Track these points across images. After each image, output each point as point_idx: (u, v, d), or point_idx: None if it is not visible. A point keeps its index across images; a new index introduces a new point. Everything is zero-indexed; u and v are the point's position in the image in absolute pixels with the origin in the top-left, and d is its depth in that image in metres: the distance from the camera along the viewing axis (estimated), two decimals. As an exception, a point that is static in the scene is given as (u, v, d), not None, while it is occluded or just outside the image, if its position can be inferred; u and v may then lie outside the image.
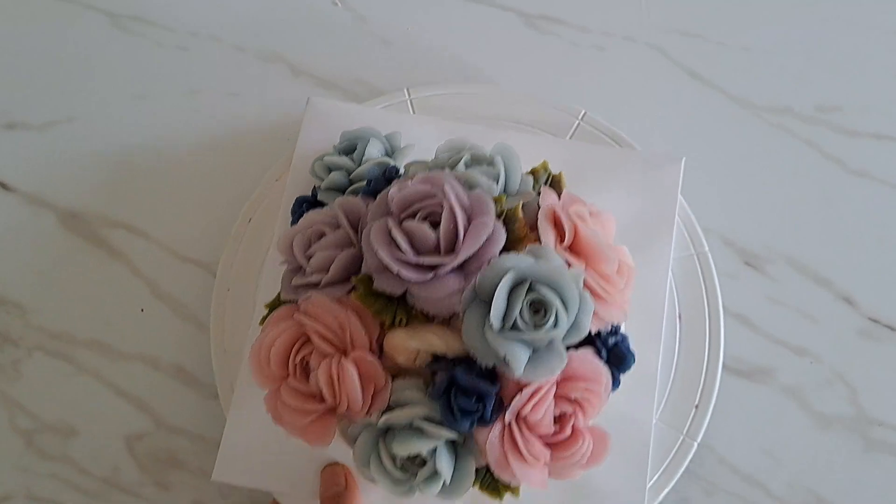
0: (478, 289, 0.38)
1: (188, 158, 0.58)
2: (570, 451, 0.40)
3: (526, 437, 0.39)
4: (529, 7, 0.61)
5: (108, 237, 0.57)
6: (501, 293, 0.37)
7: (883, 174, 0.56)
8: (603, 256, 0.41)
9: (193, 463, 0.53)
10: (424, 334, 0.40)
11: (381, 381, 0.40)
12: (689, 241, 0.52)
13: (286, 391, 0.41)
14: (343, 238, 0.42)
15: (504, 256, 0.39)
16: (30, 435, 0.54)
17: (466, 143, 0.46)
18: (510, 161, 0.44)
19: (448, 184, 0.40)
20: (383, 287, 0.39)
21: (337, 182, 0.48)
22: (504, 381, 0.40)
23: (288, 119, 0.58)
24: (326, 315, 0.40)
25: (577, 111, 0.54)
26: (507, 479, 0.40)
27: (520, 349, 0.38)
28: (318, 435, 0.41)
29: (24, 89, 0.60)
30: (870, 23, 0.60)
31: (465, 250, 0.39)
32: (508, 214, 0.41)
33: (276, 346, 0.41)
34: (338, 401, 0.40)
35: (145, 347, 0.54)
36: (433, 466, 0.39)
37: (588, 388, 0.40)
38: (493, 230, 0.39)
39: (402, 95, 0.55)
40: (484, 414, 0.39)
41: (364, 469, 0.41)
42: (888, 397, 0.52)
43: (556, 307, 0.38)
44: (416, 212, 0.40)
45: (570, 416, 0.40)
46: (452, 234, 0.39)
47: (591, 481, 0.47)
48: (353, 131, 0.50)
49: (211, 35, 0.61)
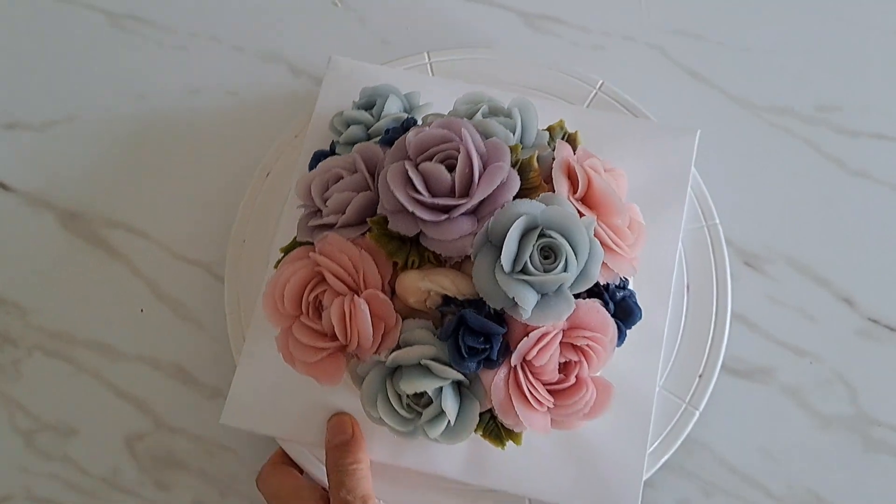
0: (490, 232, 0.39)
1: (188, 158, 0.58)
2: (574, 398, 0.41)
3: (531, 381, 0.40)
4: (529, 7, 0.61)
5: (107, 237, 0.57)
6: (513, 237, 0.38)
7: (883, 174, 0.56)
8: (615, 209, 0.42)
9: (193, 463, 0.53)
10: (436, 276, 0.41)
11: (391, 321, 0.41)
12: (701, 214, 0.53)
13: (298, 329, 0.42)
14: (360, 181, 0.43)
15: (517, 202, 0.40)
16: (29, 435, 0.54)
17: (485, 95, 0.47)
18: (527, 114, 0.45)
19: (465, 128, 0.41)
20: (398, 227, 0.40)
21: (355, 136, 0.49)
22: (511, 325, 0.41)
23: (288, 119, 0.58)
24: (341, 255, 0.41)
25: (595, 81, 0.55)
26: (511, 422, 0.41)
27: (528, 292, 0.39)
28: (328, 373, 0.41)
29: (23, 89, 0.60)
30: (870, 23, 0.60)
31: (480, 193, 0.40)
32: (523, 164, 0.42)
33: (291, 285, 0.42)
34: (349, 339, 0.41)
35: (145, 347, 0.55)
36: (438, 406, 0.40)
37: (594, 338, 0.40)
38: (508, 175, 0.40)
39: (423, 59, 0.56)
40: (491, 354, 0.40)
41: (371, 408, 0.42)
42: (888, 397, 0.52)
43: (567, 252, 0.39)
44: (432, 155, 0.41)
45: (575, 364, 0.41)
46: (468, 177, 0.40)
47: (592, 441, 0.47)
48: (373, 88, 0.51)
49: (210, 35, 0.61)
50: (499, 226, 0.39)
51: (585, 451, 0.47)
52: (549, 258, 0.39)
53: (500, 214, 0.39)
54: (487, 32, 0.60)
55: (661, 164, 0.51)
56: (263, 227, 0.53)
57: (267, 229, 0.53)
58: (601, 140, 0.50)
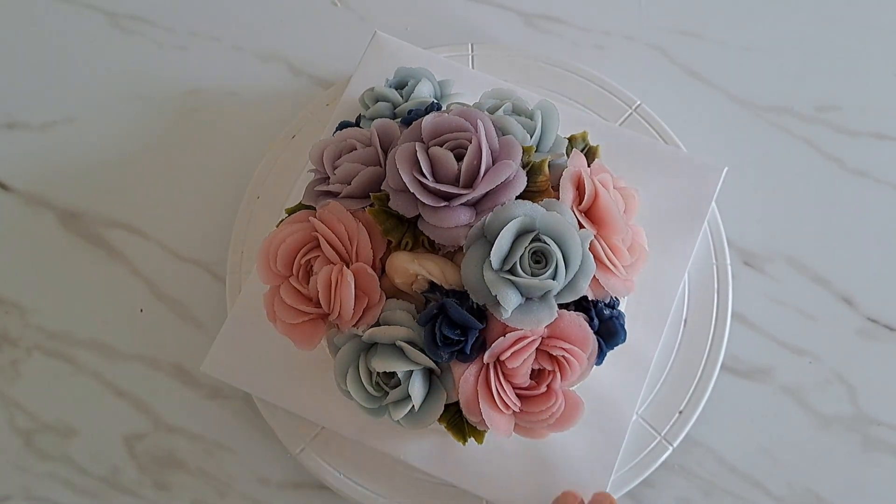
0: (486, 227, 0.39)
1: (187, 158, 0.58)
2: (541, 407, 0.40)
3: (500, 382, 0.40)
4: (529, 7, 0.61)
5: (107, 237, 0.57)
6: (506, 235, 0.38)
7: (882, 174, 0.56)
8: (616, 227, 0.42)
9: (192, 463, 0.53)
10: (426, 261, 0.41)
11: (375, 297, 0.41)
12: (713, 251, 0.52)
13: (285, 289, 0.42)
14: (371, 155, 0.43)
15: (518, 202, 0.40)
16: (29, 435, 0.54)
17: (513, 93, 0.47)
18: (549, 118, 0.45)
19: (482, 120, 0.41)
20: (398, 207, 0.41)
21: (381, 112, 0.49)
22: (491, 323, 0.41)
23: (287, 119, 0.58)
24: (338, 224, 0.42)
25: (632, 101, 0.55)
26: (474, 419, 0.41)
27: (512, 293, 0.39)
28: (306, 337, 0.42)
29: (23, 89, 0.60)
30: (870, 23, 0.60)
31: (483, 186, 0.40)
32: (534, 166, 0.42)
33: (286, 245, 0.42)
34: (331, 307, 0.41)
35: (144, 347, 0.54)
36: (405, 389, 0.41)
37: (572, 351, 0.40)
38: (515, 174, 0.40)
39: (466, 49, 0.57)
40: (464, 347, 0.40)
41: (341, 380, 0.42)
42: (887, 397, 0.52)
43: (558, 260, 0.38)
44: (444, 141, 0.41)
45: (548, 373, 0.41)
46: (474, 168, 0.40)
47: (560, 454, 0.47)
48: (408, 69, 0.51)
49: (210, 35, 0.61)
50: (495, 222, 0.39)
51: (551, 462, 0.47)
52: (540, 263, 0.39)
53: (499, 211, 0.39)
54: (488, 32, 0.60)
55: (681, 196, 0.51)
56: (264, 228, 0.53)
57: (268, 229, 0.53)
58: (625, 159, 0.50)
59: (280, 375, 0.49)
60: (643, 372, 0.48)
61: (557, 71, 0.56)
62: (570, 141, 0.46)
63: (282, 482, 0.52)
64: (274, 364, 0.49)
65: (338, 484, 0.49)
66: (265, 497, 0.52)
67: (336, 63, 0.60)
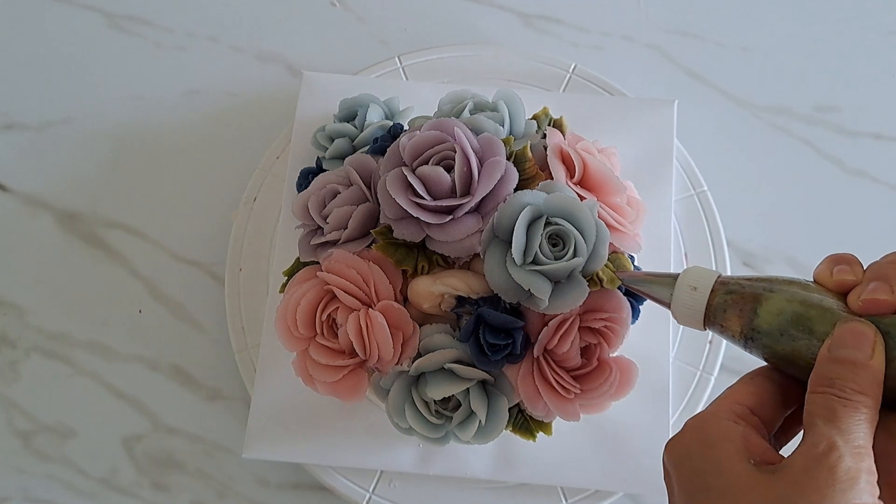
0: (496, 227, 0.39)
1: (186, 159, 0.58)
2: (599, 381, 0.41)
3: (555, 370, 0.40)
4: (528, 7, 0.61)
5: (105, 238, 0.57)
6: (520, 228, 0.38)
7: (881, 174, 0.56)
8: (613, 188, 0.42)
9: (191, 464, 0.53)
10: (447, 278, 0.41)
11: (409, 329, 0.41)
12: (689, 183, 0.54)
13: (315, 349, 0.41)
14: (357, 194, 0.43)
15: (519, 193, 0.40)
16: (27, 436, 0.53)
17: (468, 92, 0.47)
18: (513, 105, 0.45)
19: (458, 128, 0.41)
20: (403, 234, 0.40)
21: (342, 149, 0.49)
22: (528, 317, 0.41)
23: (287, 118, 0.57)
24: (349, 270, 0.41)
25: (567, 64, 0.55)
26: (540, 414, 0.41)
27: (543, 282, 0.38)
28: (351, 389, 0.41)
29: (21, 90, 0.60)
30: (869, 23, 0.60)
31: (481, 190, 0.40)
32: (517, 155, 0.42)
33: (302, 306, 0.41)
34: (368, 353, 0.40)
35: (143, 348, 0.54)
36: (468, 408, 0.40)
37: (610, 318, 0.40)
38: (506, 169, 0.40)
39: (394, 63, 0.56)
40: (514, 348, 0.40)
41: (399, 419, 0.41)
42: (887, 398, 0.52)
43: (575, 237, 0.38)
44: (428, 158, 0.41)
45: (595, 347, 0.41)
46: (467, 175, 0.40)
47: (616, 421, 0.47)
48: (352, 99, 0.51)
49: (209, 35, 0.61)
50: (504, 219, 0.39)
51: (610, 432, 0.47)
52: (558, 245, 0.39)
53: (504, 208, 0.39)
54: (487, 33, 0.60)
55: (645, 140, 0.52)
56: (264, 227, 0.53)
57: (267, 229, 0.53)
58: (583, 122, 0.51)
59: (323, 436, 0.48)
60: (664, 318, 0.48)
61: (485, 58, 0.56)
62: (535, 120, 0.47)
63: (280, 483, 0.52)
64: (314, 427, 0.48)
65: (337, 484, 0.49)
66: (264, 498, 0.52)
67: (334, 63, 0.60)
